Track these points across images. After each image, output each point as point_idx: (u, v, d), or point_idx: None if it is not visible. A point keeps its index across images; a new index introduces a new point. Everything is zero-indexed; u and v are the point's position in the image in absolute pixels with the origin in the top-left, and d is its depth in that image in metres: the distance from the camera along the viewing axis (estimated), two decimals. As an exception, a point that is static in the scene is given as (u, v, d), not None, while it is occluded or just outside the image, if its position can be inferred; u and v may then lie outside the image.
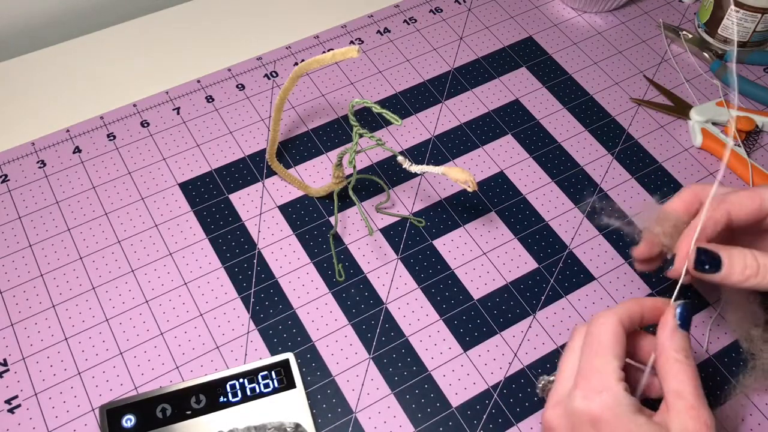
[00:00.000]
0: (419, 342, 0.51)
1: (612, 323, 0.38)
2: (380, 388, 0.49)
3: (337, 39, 0.68)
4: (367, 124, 0.62)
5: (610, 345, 0.37)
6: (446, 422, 0.48)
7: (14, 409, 0.48)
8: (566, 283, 0.54)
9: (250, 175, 0.59)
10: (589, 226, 0.57)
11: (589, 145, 0.62)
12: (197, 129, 0.62)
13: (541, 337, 0.51)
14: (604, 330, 0.38)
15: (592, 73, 0.67)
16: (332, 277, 0.54)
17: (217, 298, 0.53)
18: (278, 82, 0.65)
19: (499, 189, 0.59)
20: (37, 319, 0.51)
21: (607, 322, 0.38)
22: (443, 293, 0.53)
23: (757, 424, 0.48)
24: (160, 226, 0.56)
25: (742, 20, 0.65)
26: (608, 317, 0.38)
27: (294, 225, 0.56)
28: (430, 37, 0.69)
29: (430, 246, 0.55)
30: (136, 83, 0.65)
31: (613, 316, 0.38)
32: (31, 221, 0.56)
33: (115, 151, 0.60)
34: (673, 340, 0.37)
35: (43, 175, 0.59)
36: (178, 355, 0.50)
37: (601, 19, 0.71)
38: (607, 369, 0.36)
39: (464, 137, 0.62)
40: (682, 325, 0.38)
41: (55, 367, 0.49)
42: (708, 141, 0.61)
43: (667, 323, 0.38)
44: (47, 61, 0.67)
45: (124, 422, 0.46)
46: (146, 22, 0.70)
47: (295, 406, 0.47)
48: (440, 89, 0.65)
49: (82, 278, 0.53)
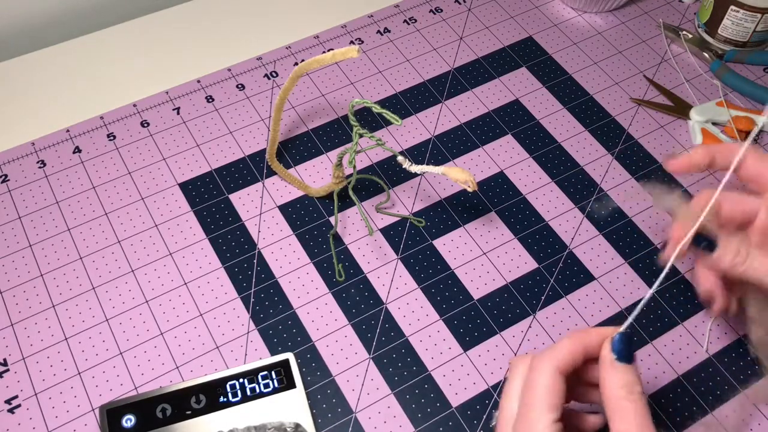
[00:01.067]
0: (419, 342, 0.51)
1: (548, 374, 0.36)
2: (380, 388, 0.49)
3: (337, 39, 0.68)
4: (367, 124, 0.62)
5: (544, 398, 0.35)
6: (446, 422, 0.48)
7: (14, 409, 0.48)
8: (566, 283, 0.54)
9: (250, 175, 0.59)
10: (589, 226, 0.57)
11: (589, 145, 0.62)
12: (197, 129, 0.62)
13: (541, 337, 0.51)
14: (539, 381, 0.36)
15: (592, 73, 0.67)
16: (332, 277, 0.54)
17: (217, 298, 0.53)
18: (278, 82, 0.65)
19: (499, 189, 0.59)
20: (37, 319, 0.51)
21: (545, 372, 0.36)
22: (443, 293, 0.53)
23: (757, 425, 0.48)
24: (160, 226, 0.56)
25: (742, 20, 0.65)
26: (546, 365, 0.36)
27: (294, 225, 0.56)
28: (430, 37, 0.69)
29: (430, 246, 0.55)
30: (136, 83, 0.65)
31: (550, 363, 0.36)
32: (31, 221, 0.56)
33: (115, 151, 0.60)
34: (613, 377, 0.35)
35: (43, 175, 0.59)
36: (178, 355, 0.50)
37: (601, 19, 0.71)
38: (538, 424, 0.35)
39: (464, 137, 0.62)
40: (620, 358, 0.36)
41: (55, 367, 0.49)
42: (708, 141, 0.61)
43: (605, 358, 0.36)
44: (47, 61, 0.67)
45: (124, 422, 0.46)
46: (146, 22, 0.70)
47: (295, 406, 0.47)
48: (440, 89, 0.65)
49: (82, 278, 0.53)
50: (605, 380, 0.36)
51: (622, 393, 0.35)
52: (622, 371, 0.35)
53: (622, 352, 0.36)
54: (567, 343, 0.37)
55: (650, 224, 0.57)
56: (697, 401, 0.49)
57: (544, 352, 0.37)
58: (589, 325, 0.52)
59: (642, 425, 0.34)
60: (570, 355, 0.36)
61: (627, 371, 0.35)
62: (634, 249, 0.56)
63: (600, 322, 0.52)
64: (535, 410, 0.35)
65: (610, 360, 0.36)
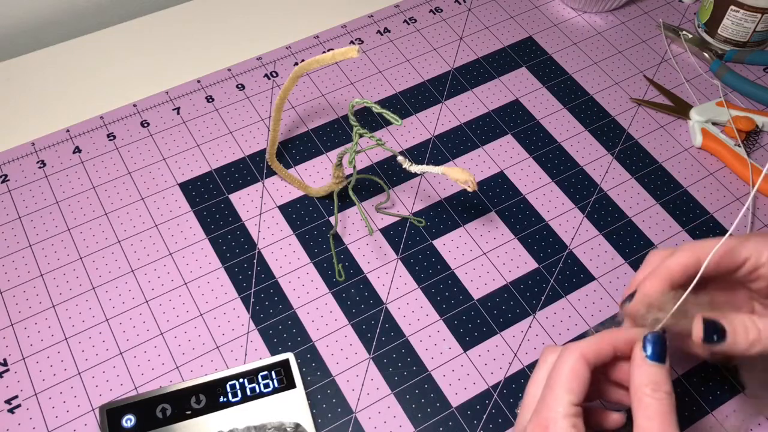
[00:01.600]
0: (419, 342, 0.51)
1: (573, 359, 0.37)
2: (380, 388, 0.49)
3: (337, 39, 0.68)
4: (367, 124, 0.62)
5: (566, 380, 0.36)
6: (446, 422, 0.48)
7: (14, 409, 0.48)
8: (566, 283, 0.54)
9: (250, 175, 0.59)
10: (589, 226, 0.57)
11: (589, 145, 0.62)
12: (197, 129, 0.62)
13: (541, 337, 0.51)
14: (564, 365, 0.37)
15: (592, 73, 0.67)
16: (332, 277, 0.54)
17: (217, 298, 0.53)
18: (278, 82, 0.65)
19: (499, 189, 0.59)
20: (37, 319, 0.51)
21: (570, 357, 0.37)
22: (443, 293, 0.53)
23: (757, 424, 0.48)
24: (160, 226, 0.56)
25: (742, 20, 0.65)
26: (572, 352, 0.37)
27: (294, 225, 0.56)
28: (430, 37, 0.69)
29: (430, 246, 0.55)
30: (136, 83, 0.65)
31: (577, 351, 0.37)
32: (31, 221, 0.56)
33: (115, 151, 0.60)
34: (642, 374, 0.36)
35: (43, 175, 0.59)
36: (178, 355, 0.50)
37: (601, 19, 0.71)
38: (556, 405, 0.35)
39: (464, 137, 0.62)
40: (652, 357, 0.36)
41: (55, 367, 0.49)
42: (708, 141, 0.61)
43: (636, 356, 0.37)
44: (47, 61, 0.67)
45: (124, 422, 0.46)
46: (146, 22, 0.70)
47: (295, 406, 0.47)
48: (440, 89, 0.65)
49: (82, 278, 0.53)
50: (634, 376, 0.36)
51: (647, 390, 0.35)
52: (652, 369, 0.36)
53: (654, 351, 0.37)
54: (598, 338, 0.38)
55: (650, 224, 0.57)
56: (697, 401, 0.49)
57: (573, 343, 0.38)
58: (589, 325, 0.52)
59: (665, 423, 0.34)
60: (597, 345, 0.37)
61: (657, 370, 0.36)
62: (634, 249, 0.56)
63: (600, 322, 0.52)
64: (555, 391, 0.36)
65: (641, 357, 0.37)
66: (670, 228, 0.57)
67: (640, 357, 0.37)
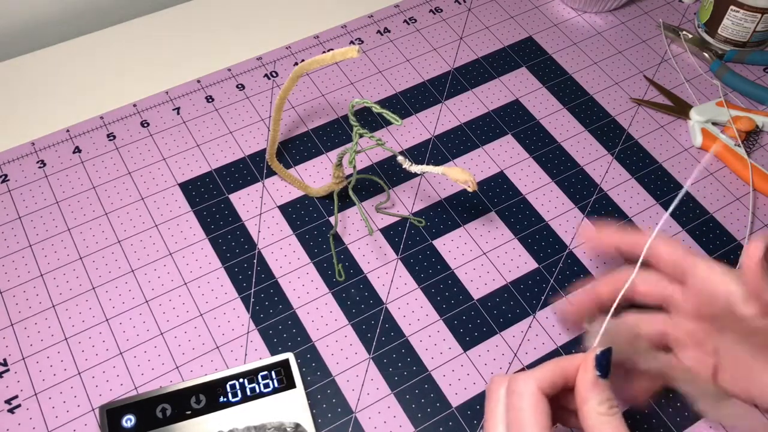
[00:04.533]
0: (419, 342, 0.51)
1: (531, 394, 0.35)
2: (380, 388, 0.49)
3: (337, 39, 0.68)
4: (367, 124, 0.62)
5: (534, 419, 0.35)
6: (446, 422, 0.48)
7: (14, 409, 0.48)
8: (566, 283, 0.54)
9: (250, 175, 0.59)
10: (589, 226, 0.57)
11: (589, 145, 0.62)
12: (197, 129, 0.62)
13: (541, 337, 0.51)
14: (524, 402, 0.35)
15: (592, 73, 0.67)
16: (332, 277, 0.54)
17: (217, 298, 0.53)
18: (278, 82, 0.65)
19: (499, 189, 0.59)
20: (37, 319, 0.51)
21: (526, 393, 0.35)
22: (443, 293, 0.53)
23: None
24: (160, 226, 0.56)
25: (742, 20, 0.65)
26: (527, 386, 0.35)
27: (294, 225, 0.56)
28: (430, 37, 0.69)
29: (430, 246, 0.55)
30: (136, 83, 0.65)
31: (533, 384, 0.36)
32: (31, 221, 0.56)
33: (115, 151, 0.60)
34: (594, 393, 0.35)
35: (43, 175, 0.59)
36: (178, 355, 0.50)
37: (601, 19, 0.71)
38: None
39: (464, 137, 0.62)
40: (603, 375, 0.36)
41: (55, 367, 0.49)
42: (708, 141, 0.61)
43: (586, 375, 0.36)
44: (47, 61, 0.67)
45: (124, 422, 0.46)
46: (146, 22, 0.70)
47: (295, 406, 0.47)
48: (440, 89, 0.65)
49: (82, 278, 0.53)
50: (587, 399, 0.35)
51: (602, 409, 0.35)
52: (603, 388, 0.36)
53: (605, 368, 0.36)
54: (549, 367, 0.37)
55: (650, 224, 0.57)
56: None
57: (520, 374, 0.36)
58: (589, 325, 0.52)
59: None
60: (551, 374, 0.36)
61: (605, 388, 0.36)
62: (634, 249, 0.56)
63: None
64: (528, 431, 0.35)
65: (593, 379, 0.36)
66: (671, 228, 0.57)
67: (591, 379, 0.36)
